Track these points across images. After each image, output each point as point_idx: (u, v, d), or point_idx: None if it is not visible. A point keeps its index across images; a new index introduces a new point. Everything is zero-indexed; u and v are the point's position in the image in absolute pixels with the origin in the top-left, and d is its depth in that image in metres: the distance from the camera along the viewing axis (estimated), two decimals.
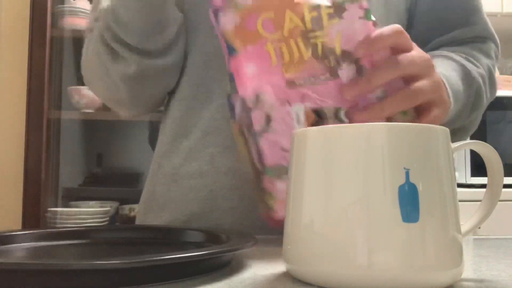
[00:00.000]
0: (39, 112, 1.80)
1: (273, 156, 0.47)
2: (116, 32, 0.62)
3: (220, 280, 0.35)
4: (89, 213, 1.72)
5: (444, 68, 0.61)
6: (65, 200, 1.94)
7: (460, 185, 1.73)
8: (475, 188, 1.70)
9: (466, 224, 0.38)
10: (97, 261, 0.32)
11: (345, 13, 0.47)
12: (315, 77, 0.48)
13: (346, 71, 0.48)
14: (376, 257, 0.31)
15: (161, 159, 0.70)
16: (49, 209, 1.74)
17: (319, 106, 0.48)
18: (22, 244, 0.47)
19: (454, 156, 0.36)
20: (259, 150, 0.48)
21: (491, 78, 0.69)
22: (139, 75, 0.64)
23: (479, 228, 0.39)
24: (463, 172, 1.75)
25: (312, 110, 0.48)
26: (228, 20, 0.47)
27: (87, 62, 0.69)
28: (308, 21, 0.47)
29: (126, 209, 1.89)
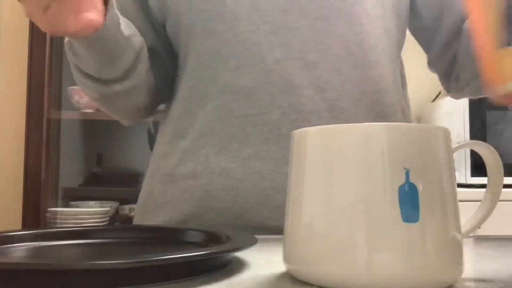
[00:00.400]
0: (39, 112, 1.80)
1: None
2: (74, 61, 0.64)
3: (220, 280, 0.35)
4: (89, 213, 1.72)
5: None
6: (65, 200, 1.94)
7: (460, 185, 1.73)
8: (475, 188, 1.69)
9: (466, 224, 0.38)
10: (97, 261, 0.32)
11: None
12: None
13: None
14: (376, 257, 0.31)
15: (159, 160, 0.70)
16: (49, 209, 1.74)
17: None
18: (22, 244, 0.46)
19: (454, 156, 0.36)
20: None
21: None
22: (103, 98, 0.68)
23: (479, 228, 0.39)
24: (463, 172, 1.75)
25: None
26: None
27: None
28: None
29: (126, 209, 1.89)
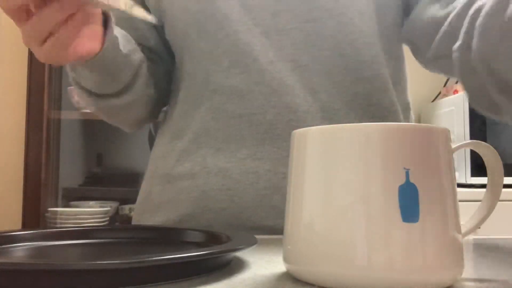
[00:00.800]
0: (39, 112, 1.80)
1: None
2: (72, 75, 0.65)
3: (220, 280, 0.35)
4: (89, 213, 1.72)
5: None
6: (65, 200, 1.94)
7: (460, 185, 1.73)
8: (475, 188, 1.69)
9: (466, 224, 0.38)
10: (97, 261, 0.32)
11: None
12: None
13: None
14: (376, 257, 0.31)
15: (157, 160, 0.70)
16: (49, 209, 1.74)
17: None
18: (22, 244, 0.46)
19: (454, 156, 0.36)
20: None
21: None
22: (102, 110, 0.70)
23: (479, 228, 0.39)
24: (463, 172, 1.75)
25: None
26: None
27: None
28: None
29: (126, 209, 1.89)
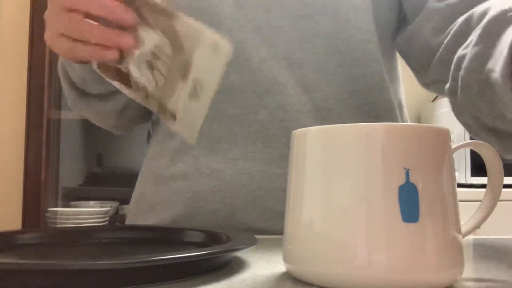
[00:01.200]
0: (39, 112, 1.80)
1: None
2: (64, 68, 0.65)
3: (220, 280, 0.35)
4: (89, 213, 1.71)
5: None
6: (65, 200, 1.94)
7: (460, 185, 1.73)
8: (475, 188, 1.69)
9: (466, 224, 0.38)
10: (97, 261, 0.32)
11: None
12: None
13: None
14: (376, 257, 0.31)
15: (151, 161, 0.70)
16: (49, 209, 1.73)
17: None
18: (22, 244, 0.46)
19: (454, 156, 0.36)
20: None
21: None
22: (82, 109, 0.69)
23: (479, 228, 0.39)
24: (463, 172, 1.75)
25: None
26: None
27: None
28: None
29: (126, 209, 1.89)
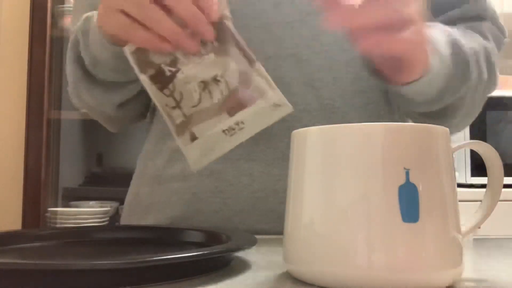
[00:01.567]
0: (39, 112, 1.80)
1: None
2: (76, 45, 0.62)
3: (220, 280, 0.35)
4: (89, 213, 1.72)
5: (432, 32, 0.56)
6: (65, 200, 1.94)
7: (460, 185, 1.73)
8: (475, 188, 1.69)
9: (466, 224, 0.38)
10: (97, 261, 0.32)
11: None
12: None
13: None
14: (376, 257, 0.31)
15: (146, 160, 0.69)
16: (49, 209, 1.73)
17: None
18: (22, 244, 0.46)
19: (454, 156, 0.36)
20: None
21: (488, 58, 0.64)
22: (82, 93, 0.66)
23: (479, 228, 0.39)
24: (463, 172, 1.75)
25: None
26: None
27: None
28: None
29: None
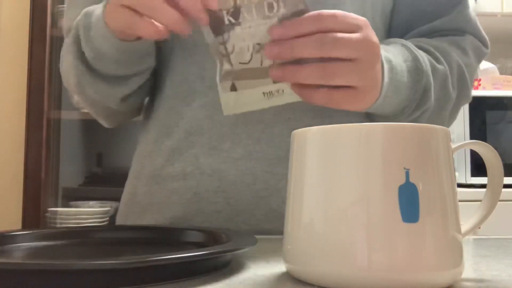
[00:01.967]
0: (39, 112, 1.80)
1: None
2: (77, 41, 0.62)
3: (220, 280, 0.35)
4: (89, 213, 1.72)
5: (394, 55, 0.58)
6: (65, 200, 1.94)
7: (460, 185, 1.73)
8: (475, 188, 1.69)
9: (466, 224, 0.38)
10: (97, 261, 0.32)
11: None
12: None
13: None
14: (376, 257, 0.31)
15: (143, 160, 0.67)
16: (49, 209, 1.73)
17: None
18: (22, 244, 0.46)
19: (454, 156, 0.36)
20: None
21: (461, 76, 0.65)
22: (85, 89, 0.67)
23: (479, 228, 0.39)
24: (463, 172, 1.75)
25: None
26: None
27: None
28: None
29: None
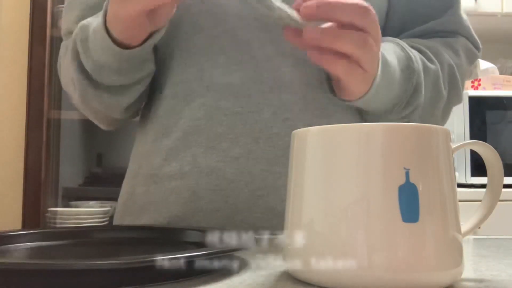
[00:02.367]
0: (39, 112, 1.80)
1: None
2: (77, 58, 0.61)
3: (220, 280, 0.35)
4: (89, 213, 1.71)
5: (388, 53, 0.59)
6: (65, 200, 1.94)
7: (460, 185, 1.73)
8: (475, 188, 1.69)
9: (466, 224, 0.38)
10: (97, 261, 0.32)
11: None
12: None
13: None
14: (376, 257, 0.31)
15: (141, 159, 0.67)
16: (49, 209, 1.73)
17: None
18: (22, 244, 0.46)
19: (454, 156, 0.36)
20: None
21: (452, 76, 0.66)
22: (90, 101, 0.65)
23: (479, 228, 0.39)
24: (463, 172, 1.75)
25: None
26: None
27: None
28: None
29: None
